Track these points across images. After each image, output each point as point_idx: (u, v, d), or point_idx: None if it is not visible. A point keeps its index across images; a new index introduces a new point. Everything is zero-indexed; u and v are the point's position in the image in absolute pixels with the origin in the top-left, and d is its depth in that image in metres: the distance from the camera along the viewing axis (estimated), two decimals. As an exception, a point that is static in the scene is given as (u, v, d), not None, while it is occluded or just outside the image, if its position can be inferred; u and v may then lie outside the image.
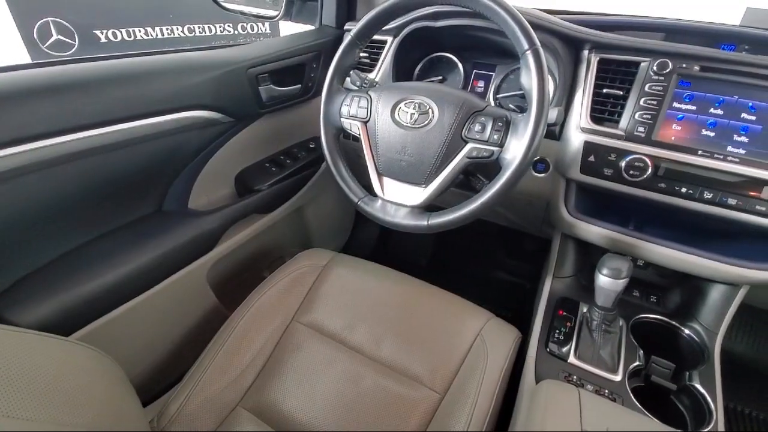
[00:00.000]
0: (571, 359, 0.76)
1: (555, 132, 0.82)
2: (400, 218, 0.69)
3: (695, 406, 0.71)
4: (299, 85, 1.04)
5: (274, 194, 1.05)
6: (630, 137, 0.73)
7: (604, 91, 0.77)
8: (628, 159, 0.72)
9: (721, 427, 0.66)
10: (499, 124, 0.62)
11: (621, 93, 0.75)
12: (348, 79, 0.81)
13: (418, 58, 1.04)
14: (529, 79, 0.59)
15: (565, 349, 0.78)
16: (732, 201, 0.68)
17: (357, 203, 0.73)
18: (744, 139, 0.68)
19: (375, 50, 1.00)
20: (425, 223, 0.67)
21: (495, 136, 0.62)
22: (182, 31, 3.40)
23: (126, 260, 0.77)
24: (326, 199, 1.30)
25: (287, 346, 0.78)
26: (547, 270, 0.96)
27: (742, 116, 0.68)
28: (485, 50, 0.96)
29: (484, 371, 0.70)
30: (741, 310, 0.79)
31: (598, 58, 0.78)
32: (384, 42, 0.98)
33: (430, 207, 0.69)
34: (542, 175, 0.86)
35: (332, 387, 0.71)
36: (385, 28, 0.92)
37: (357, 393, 0.71)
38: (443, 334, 0.77)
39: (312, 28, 1.14)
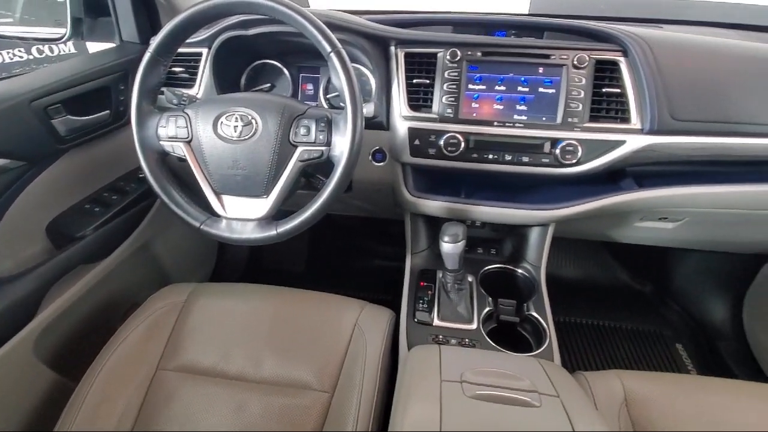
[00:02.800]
0: (436, 322, 0.85)
1: (383, 123, 0.88)
2: (249, 233, 0.67)
3: (534, 330, 0.86)
4: (107, 111, 0.92)
5: (104, 237, 0.93)
6: (442, 119, 0.84)
7: (414, 81, 0.86)
8: (444, 138, 0.83)
9: (553, 339, 0.82)
10: (322, 124, 0.65)
11: (428, 81, 0.85)
12: (163, 97, 0.75)
13: (241, 68, 1.01)
14: (338, 79, 0.63)
15: (430, 315, 0.86)
16: (525, 159, 0.83)
17: (199, 228, 0.69)
18: (523, 107, 0.83)
19: (192, 64, 0.94)
20: (274, 232, 0.66)
21: (321, 137, 0.65)
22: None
23: None
24: (176, 228, 1.19)
25: (157, 399, 0.70)
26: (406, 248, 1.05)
27: (518, 89, 0.83)
28: (306, 54, 0.97)
29: (365, 357, 0.74)
30: (563, 243, 0.97)
31: (403, 53, 0.86)
32: (199, 54, 0.93)
33: (279, 215, 0.69)
34: (381, 164, 0.93)
35: (217, 424, 0.67)
36: (194, 39, 0.87)
37: (245, 421, 0.68)
38: (322, 335, 0.78)
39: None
